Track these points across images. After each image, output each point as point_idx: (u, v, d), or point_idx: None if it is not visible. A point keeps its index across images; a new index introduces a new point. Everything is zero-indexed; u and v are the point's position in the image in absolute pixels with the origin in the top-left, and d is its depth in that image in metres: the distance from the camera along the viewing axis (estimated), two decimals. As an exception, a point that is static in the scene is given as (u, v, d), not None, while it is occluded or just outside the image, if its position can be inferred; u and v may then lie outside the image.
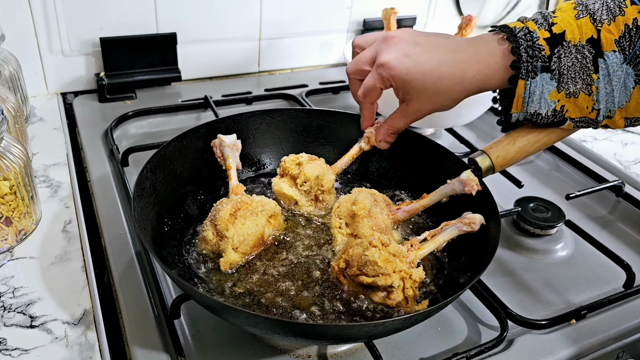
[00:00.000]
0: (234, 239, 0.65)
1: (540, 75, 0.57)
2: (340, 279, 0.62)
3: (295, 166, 0.74)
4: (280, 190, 0.74)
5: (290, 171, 0.74)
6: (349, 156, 0.78)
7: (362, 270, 0.58)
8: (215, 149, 0.76)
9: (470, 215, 0.65)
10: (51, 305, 0.64)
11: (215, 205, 0.68)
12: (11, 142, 0.69)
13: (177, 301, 0.62)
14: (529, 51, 0.57)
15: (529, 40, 0.57)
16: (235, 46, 1.21)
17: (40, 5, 1.00)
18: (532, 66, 0.57)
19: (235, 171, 0.74)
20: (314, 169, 0.74)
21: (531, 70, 0.57)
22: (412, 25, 1.36)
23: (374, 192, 0.71)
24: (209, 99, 1.08)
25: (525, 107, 0.60)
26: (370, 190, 0.71)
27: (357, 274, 0.59)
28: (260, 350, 0.62)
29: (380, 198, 0.71)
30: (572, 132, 0.66)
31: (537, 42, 0.57)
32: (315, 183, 0.74)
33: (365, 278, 0.58)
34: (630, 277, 0.74)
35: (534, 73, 0.57)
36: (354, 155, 0.78)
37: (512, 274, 0.77)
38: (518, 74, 0.58)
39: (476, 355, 0.61)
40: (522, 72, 0.58)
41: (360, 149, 0.78)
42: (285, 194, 0.74)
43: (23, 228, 0.72)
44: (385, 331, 0.56)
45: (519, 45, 0.57)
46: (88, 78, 1.12)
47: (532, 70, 0.57)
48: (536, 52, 0.57)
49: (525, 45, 0.57)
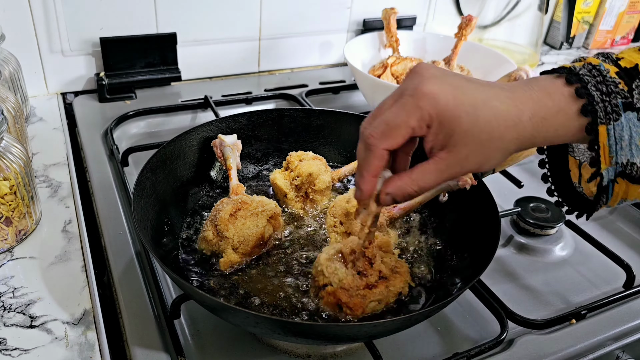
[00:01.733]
0: (234, 239, 0.65)
1: (625, 114, 0.45)
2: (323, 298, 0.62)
3: (296, 161, 0.75)
4: (274, 180, 0.76)
5: (290, 165, 0.75)
6: (354, 165, 0.78)
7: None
8: (216, 148, 0.76)
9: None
10: (51, 305, 0.64)
11: (216, 205, 0.68)
12: (11, 142, 0.69)
13: (177, 301, 0.62)
14: (602, 87, 0.45)
15: (598, 76, 0.46)
16: (235, 46, 1.21)
17: (40, 5, 1.00)
18: (612, 105, 0.45)
19: (235, 171, 0.74)
20: (310, 167, 0.74)
21: (611, 111, 0.45)
22: (412, 26, 1.35)
23: None
24: (209, 99, 1.08)
25: (615, 158, 0.46)
26: None
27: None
28: (260, 350, 0.62)
29: None
30: None
31: (609, 76, 0.46)
32: (307, 180, 0.74)
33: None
34: (630, 277, 0.74)
35: (615, 114, 0.45)
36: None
37: (512, 274, 0.77)
38: (595, 118, 0.45)
39: (476, 355, 0.61)
40: (599, 115, 0.45)
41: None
42: (277, 184, 0.75)
43: (23, 228, 0.72)
44: (385, 331, 0.56)
45: (586, 83, 0.45)
46: (88, 78, 1.12)
47: (612, 111, 0.45)
48: (611, 87, 0.45)
49: (594, 81, 0.45)
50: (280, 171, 0.77)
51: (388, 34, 1.14)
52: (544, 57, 1.51)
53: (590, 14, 1.54)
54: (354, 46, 1.10)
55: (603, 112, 0.45)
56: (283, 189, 0.75)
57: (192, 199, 0.76)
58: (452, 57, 1.10)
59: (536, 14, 1.35)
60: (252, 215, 0.67)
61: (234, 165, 0.74)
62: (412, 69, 0.48)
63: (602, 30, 1.57)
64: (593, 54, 0.50)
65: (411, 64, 1.10)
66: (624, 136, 0.45)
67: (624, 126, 0.45)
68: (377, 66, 1.10)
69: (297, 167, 0.74)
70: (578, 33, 1.56)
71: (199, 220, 0.74)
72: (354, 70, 1.01)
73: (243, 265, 0.66)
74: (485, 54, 1.12)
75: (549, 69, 0.49)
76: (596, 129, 0.45)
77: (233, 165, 0.74)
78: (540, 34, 1.39)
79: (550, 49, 1.58)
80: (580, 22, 1.54)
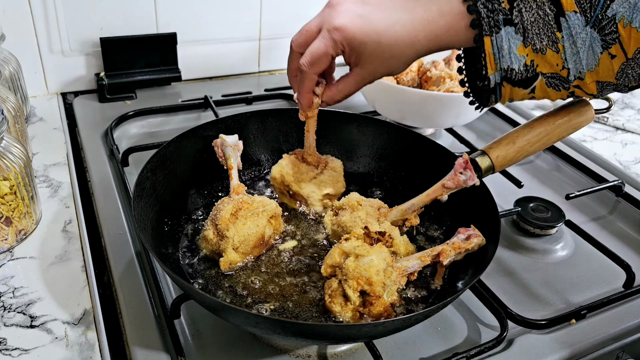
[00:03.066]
0: (235, 239, 0.65)
1: (504, 28, 0.55)
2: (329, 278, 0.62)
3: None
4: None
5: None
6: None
7: (360, 283, 0.58)
8: (217, 148, 0.77)
9: (474, 241, 0.64)
10: (51, 305, 0.64)
11: (217, 204, 0.68)
12: (11, 142, 0.69)
13: (177, 301, 0.62)
14: (488, 5, 0.54)
15: None
16: (235, 46, 1.21)
17: (40, 5, 1.00)
18: (494, 20, 0.54)
19: (236, 171, 0.74)
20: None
21: (494, 25, 0.55)
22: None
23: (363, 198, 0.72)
24: (209, 99, 1.08)
25: (499, 64, 0.57)
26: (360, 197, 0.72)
27: (353, 287, 0.59)
28: (260, 350, 0.62)
29: (371, 202, 0.71)
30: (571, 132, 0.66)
31: None
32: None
33: (352, 296, 0.58)
34: (630, 277, 0.74)
35: (497, 28, 0.55)
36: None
37: (512, 274, 0.77)
38: (481, 31, 0.55)
39: (476, 355, 0.61)
40: (484, 29, 0.55)
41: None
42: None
43: (23, 228, 0.72)
44: (385, 331, 0.56)
45: (477, 1, 0.55)
46: (88, 78, 1.12)
47: (494, 25, 0.55)
48: (495, 5, 0.54)
49: (482, 0, 0.55)
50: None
51: (388, 34, 1.14)
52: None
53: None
54: (354, 46, 1.10)
55: (487, 25, 0.55)
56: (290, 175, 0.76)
57: (192, 199, 0.76)
58: (452, 57, 1.10)
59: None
60: (253, 215, 0.67)
61: (234, 165, 0.74)
62: (329, 1, 0.62)
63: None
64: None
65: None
66: (504, 46, 0.55)
67: (503, 38, 0.55)
68: (377, 66, 1.10)
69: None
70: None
71: (199, 220, 0.74)
72: (354, 70, 1.01)
73: (243, 265, 0.66)
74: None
75: None
76: (482, 40, 0.55)
77: (234, 165, 0.74)
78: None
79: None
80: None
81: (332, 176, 0.76)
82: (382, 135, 0.83)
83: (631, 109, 1.25)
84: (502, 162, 0.68)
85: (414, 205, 0.69)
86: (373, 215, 0.68)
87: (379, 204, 0.71)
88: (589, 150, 1.06)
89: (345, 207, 0.70)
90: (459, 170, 0.65)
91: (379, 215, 0.69)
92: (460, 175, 0.65)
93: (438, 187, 0.67)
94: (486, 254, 0.61)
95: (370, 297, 0.58)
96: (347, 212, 0.69)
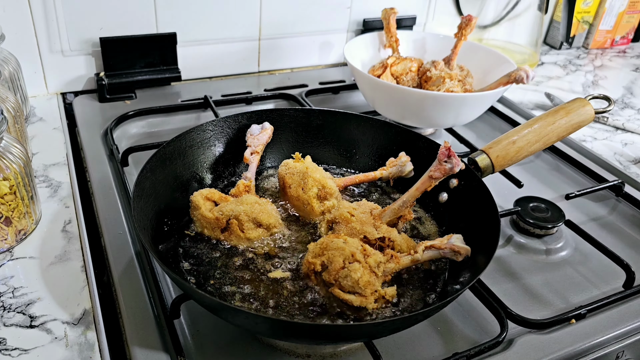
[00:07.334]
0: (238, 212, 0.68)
1: None
2: (310, 277, 0.62)
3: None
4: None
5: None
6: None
7: (338, 282, 0.59)
8: (252, 137, 0.79)
9: (458, 244, 0.64)
10: (51, 305, 0.64)
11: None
12: (11, 142, 0.69)
13: (177, 301, 0.62)
14: None
15: None
16: (235, 46, 1.21)
17: (40, 5, 1.00)
18: None
19: (255, 165, 0.77)
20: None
21: None
22: (412, 25, 1.36)
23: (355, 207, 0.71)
24: (209, 99, 1.08)
25: None
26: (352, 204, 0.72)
27: (332, 284, 0.59)
28: (260, 350, 0.62)
29: (362, 208, 0.71)
30: (571, 132, 0.66)
31: None
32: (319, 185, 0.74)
33: (340, 293, 0.58)
34: (630, 277, 0.74)
35: None
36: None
37: (512, 274, 0.77)
38: None
39: (476, 355, 0.61)
40: None
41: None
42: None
43: (23, 228, 0.72)
44: (385, 331, 0.56)
45: None
46: (88, 78, 1.12)
47: None
48: None
49: None
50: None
51: (388, 34, 1.14)
52: (543, 57, 1.51)
53: (590, 14, 1.54)
54: (353, 46, 1.10)
55: None
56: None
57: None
58: (452, 57, 1.10)
59: (536, 14, 1.36)
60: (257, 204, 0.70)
61: (247, 156, 0.77)
62: None
63: (602, 30, 1.57)
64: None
65: (411, 64, 1.10)
66: None
67: None
68: (377, 66, 1.10)
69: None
70: (578, 33, 1.56)
71: (198, 220, 0.74)
72: (353, 70, 1.01)
73: (243, 264, 0.66)
74: (485, 53, 1.12)
75: None
76: None
77: (247, 156, 0.77)
78: (540, 33, 1.39)
79: (550, 49, 1.58)
80: (580, 21, 1.54)
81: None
82: (382, 135, 0.83)
83: (631, 109, 1.25)
84: (502, 162, 0.69)
85: (405, 202, 0.69)
86: (368, 222, 0.68)
87: (370, 207, 0.71)
88: (589, 150, 1.06)
89: (338, 220, 0.69)
90: (443, 160, 0.65)
91: (374, 219, 0.69)
92: (445, 163, 0.65)
93: (425, 179, 0.67)
94: (486, 254, 0.61)
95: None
96: (342, 225, 0.68)
